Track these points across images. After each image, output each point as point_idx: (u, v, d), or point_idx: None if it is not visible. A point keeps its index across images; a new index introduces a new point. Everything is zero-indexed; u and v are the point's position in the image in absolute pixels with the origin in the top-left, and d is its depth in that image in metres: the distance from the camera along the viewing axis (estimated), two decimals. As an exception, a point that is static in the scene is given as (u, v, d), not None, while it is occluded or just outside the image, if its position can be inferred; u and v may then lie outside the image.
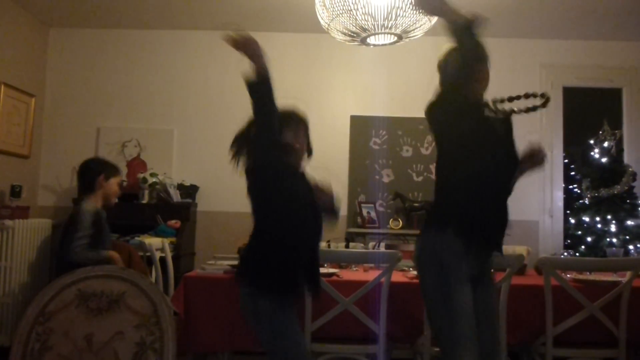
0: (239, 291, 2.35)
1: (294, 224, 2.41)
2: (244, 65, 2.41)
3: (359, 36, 3.76)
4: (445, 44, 2.51)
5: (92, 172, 3.35)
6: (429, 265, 2.32)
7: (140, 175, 5.21)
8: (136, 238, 4.65)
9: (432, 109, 2.45)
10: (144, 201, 5.22)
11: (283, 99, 2.50)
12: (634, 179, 5.02)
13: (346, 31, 3.76)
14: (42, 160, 5.60)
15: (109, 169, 3.40)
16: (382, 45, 3.92)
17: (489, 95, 2.53)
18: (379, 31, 3.66)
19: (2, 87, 4.96)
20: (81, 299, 1.74)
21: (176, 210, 5.17)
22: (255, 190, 2.42)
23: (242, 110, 2.59)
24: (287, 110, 2.53)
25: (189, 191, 5.32)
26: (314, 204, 2.50)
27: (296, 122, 2.55)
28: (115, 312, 1.73)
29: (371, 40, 3.83)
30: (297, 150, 2.53)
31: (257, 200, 2.42)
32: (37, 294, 1.78)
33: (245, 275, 2.38)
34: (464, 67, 2.35)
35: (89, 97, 5.66)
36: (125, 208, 5.00)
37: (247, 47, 2.37)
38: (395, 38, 3.81)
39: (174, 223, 5.04)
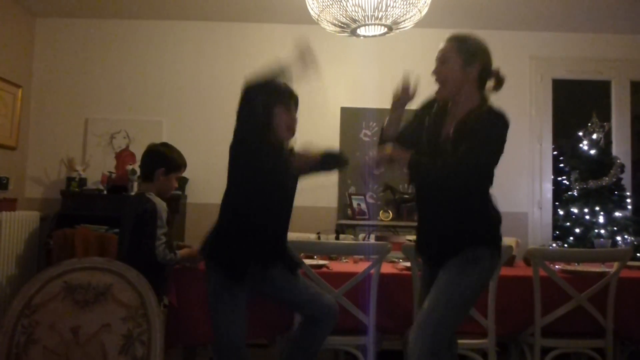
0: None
1: (259, 204, 2.53)
2: (232, 56, 2.40)
3: (349, 27, 3.75)
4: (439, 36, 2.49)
5: (154, 163, 3.09)
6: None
7: (129, 167, 5.17)
8: (125, 230, 4.62)
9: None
10: (133, 193, 5.18)
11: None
12: (622, 171, 5.05)
13: (336, 22, 3.74)
14: (29, 151, 5.55)
15: (172, 164, 3.12)
16: (372, 36, 3.91)
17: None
18: (369, 22, 3.65)
19: (-12, 77, 4.91)
20: (67, 291, 1.72)
21: (166, 202, 5.13)
22: (230, 165, 2.54)
23: (232, 102, 2.58)
24: (285, 85, 2.58)
25: (178, 183, 5.29)
26: (287, 186, 2.60)
27: (290, 99, 2.58)
28: (102, 305, 1.72)
29: (361, 31, 3.81)
30: (287, 128, 2.59)
31: (229, 176, 2.56)
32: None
33: (204, 249, 2.61)
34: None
35: (77, 88, 5.60)
36: (114, 200, 4.97)
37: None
38: (385, 29, 3.80)
39: (164, 215, 5.01)
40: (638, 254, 4.30)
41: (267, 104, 2.50)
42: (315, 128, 5.39)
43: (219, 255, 2.55)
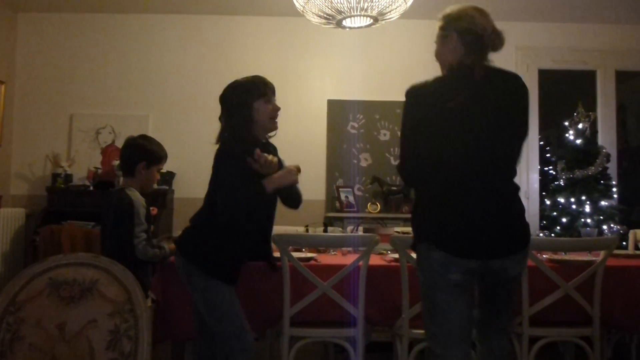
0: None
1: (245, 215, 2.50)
2: (218, 50, 2.38)
3: (335, 19, 3.74)
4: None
5: (134, 157, 2.99)
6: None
7: (115, 163, 5.13)
8: (112, 226, 4.59)
9: None
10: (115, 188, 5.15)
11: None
12: (608, 161, 5.08)
13: (321, 14, 3.73)
14: (14, 148, 5.50)
15: (152, 157, 3.04)
16: (358, 27, 3.90)
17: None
18: (355, 13, 3.63)
19: (-30, 73, 4.85)
20: (52, 287, 1.70)
21: (153, 197, 5.10)
22: (213, 174, 2.50)
23: (217, 96, 2.56)
24: (257, 78, 2.56)
25: (165, 178, 5.26)
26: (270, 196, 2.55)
27: (270, 90, 2.56)
28: (88, 300, 1.70)
29: (347, 22, 3.80)
30: (270, 119, 2.56)
31: (213, 182, 2.52)
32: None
33: (182, 246, 2.59)
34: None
35: (61, 83, 5.55)
36: (100, 196, 4.93)
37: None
38: (371, 20, 3.79)
39: (151, 210, 4.97)
40: (624, 243, 4.34)
41: (245, 102, 2.48)
42: (302, 121, 5.38)
43: (208, 259, 2.52)
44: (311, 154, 5.42)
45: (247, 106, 2.49)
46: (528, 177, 5.58)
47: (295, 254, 3.01)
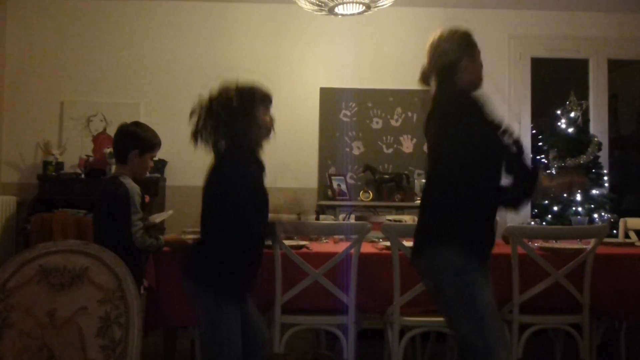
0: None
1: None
2: (210, 36, 2.35)
3: (327, 6, 3.72)
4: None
5: (126, 144, 2.95)
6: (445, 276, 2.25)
7: (107, 150, 5.10)
8: (104, 214, 4.57)
9: None
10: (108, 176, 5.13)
11: (253, 71, 2.46)
12: (600, 149, 5.10)
13: (314, 1, 3.70)
14: (4, 135, 5.45)
15: (145, 144, 2.99)
16: (351, 14, 3.88)
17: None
18: (347, 0, 3.62)
19: (-41, 60, 4.80)
20: (42, 274, 1.70)
21: (145, 185, 5.07)
22: (219, 176, 2.38)
23: (209, 83, 2.54)
24: (258, 84, 2.46)
25: (157, 166, 5.23)
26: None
27: (267, 99, 2.48)
28: (78, 287, 1.70)
29: (339, 9, 3.79)
30: (267, 127, 2.47)
31: (218, 189, 2.36)
32: (-2, 270, 1.74)
33: (194, 271, 2.40)
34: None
35: (52, 70, 5.50)
36: (92, 184, 4.91)
37: None
38: (363, 7, 3.77)
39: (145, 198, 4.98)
40: (614, 231, 4.36)
41: (252, 107, 2.40)
42: (295, 109, 5.36)
43: (221, 279, 2.36)
44: (303, 142, 5.41)
45: (254, 112, 2.39)
46: (520, 165, 5.59)
47: (287, 242, 3.01)
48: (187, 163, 5.18)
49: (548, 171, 5.20)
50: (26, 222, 4.77)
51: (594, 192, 4.94)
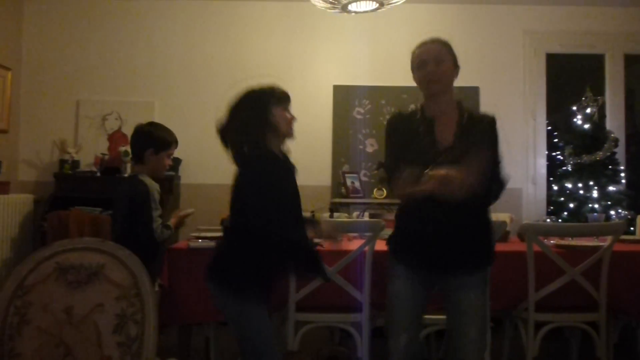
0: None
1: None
2: (224, 35, 2.34)
3: (340, 3, 3.71)
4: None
5: (141, 144, 3.05)
6: None
7: (122, 149, 5.15)
8: (119, 212, 4.61)
9: None
10: (127, 175, 5.16)
11: (266, 69, 2.47)
12: (616, 145, 5.04)
13: (327, -2, 3.70)
14: (21, 134, 5.51)
15: (160, 143, 3.05)
16: (364, 12, 3.87)
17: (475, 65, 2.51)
18: (360, -3, 3.61)
19: (-23, 60, 4.85)
20: (60, 272, 1.72)
21: (159, 183, 5.11)
22: (240, 183, 2.33)
23: (224, 81, 2.56)
24: (273, 85, 2.44)
25: (172, 161, 5.27)
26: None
27: (285, 99, 2.46)
28: (94, 285, 1.71)
29: (352, 7, 3.78)
30: (288, 126, 2.44)
31: (248, 194, 2.30)
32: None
33: (217, 274, 2.33)
34: None
35: (68, 69, 5.55)
36: (107, 182, 4.95)
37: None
38: (377, 5, 3.76)
39: (158, 196, 5.01)
40: (631, 228, 4.32)
41: (265, 108, 2.35)
42: (308, 107, 5.36)
43: (240, 283, 2.30)
44: (317, 140, 5.41)
45: (267, 115, 2.34)
46: (535, 162, 5.55)
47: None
48: (202, 161, 5.22)
49: (563, 168, 5.15)
50: (43, 220, 4.82)
51: (611, 188, 4.89)
